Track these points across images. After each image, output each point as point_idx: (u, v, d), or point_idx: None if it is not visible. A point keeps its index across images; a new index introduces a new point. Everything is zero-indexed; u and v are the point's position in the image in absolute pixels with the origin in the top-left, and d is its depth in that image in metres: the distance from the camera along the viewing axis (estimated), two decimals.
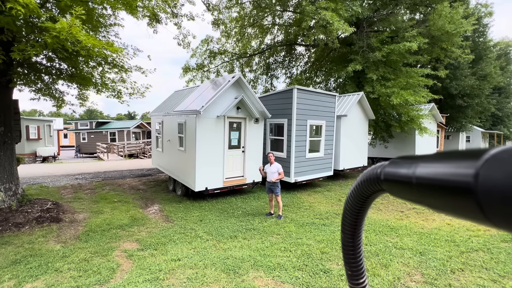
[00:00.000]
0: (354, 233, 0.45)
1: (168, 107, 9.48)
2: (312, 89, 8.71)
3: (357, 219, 0.44)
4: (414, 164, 0.28)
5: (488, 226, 0.21)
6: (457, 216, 0.24)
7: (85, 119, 36.22)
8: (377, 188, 0.36)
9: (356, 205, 0.42)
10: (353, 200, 0.42)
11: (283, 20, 16.44)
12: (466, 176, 0.21)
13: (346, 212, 0.44)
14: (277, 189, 6.04)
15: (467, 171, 0.21)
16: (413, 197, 0.28)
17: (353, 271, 0.47)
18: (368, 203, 0.41)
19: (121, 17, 8.04)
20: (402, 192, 0.30)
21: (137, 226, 5.58)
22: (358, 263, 0.47)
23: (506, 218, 0.19)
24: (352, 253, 0.46)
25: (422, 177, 0.26)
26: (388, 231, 5.32)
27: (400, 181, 0.30)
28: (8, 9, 3.86)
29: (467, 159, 0.22)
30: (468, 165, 0.22)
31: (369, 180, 0.37)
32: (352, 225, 0.45)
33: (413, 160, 0.29)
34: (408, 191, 0.29)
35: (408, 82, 11.20)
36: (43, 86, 6.79)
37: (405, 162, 0.30)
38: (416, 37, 11.23)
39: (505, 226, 0.20)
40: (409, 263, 4.02)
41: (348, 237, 0.46)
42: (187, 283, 3.46)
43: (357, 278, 0.47)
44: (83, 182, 10.31)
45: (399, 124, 11.91)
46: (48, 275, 3.65)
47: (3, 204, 5.60)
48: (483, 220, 0.21)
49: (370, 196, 0.39)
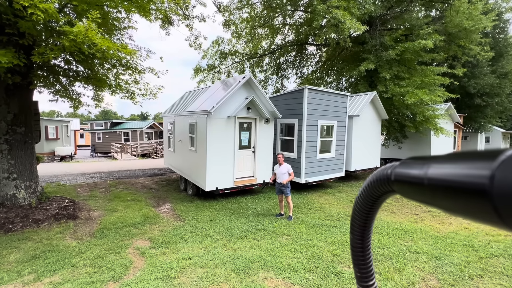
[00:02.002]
0: (363, 234, 0.45)
1: (179, 107, 9.63)
2: (323, 89, 8.61)
3: (366, 220, 0.43)
4: (426, 165, 0.28)
5: (503, 229, 0.21)
6: (470, 218, 0.23)
7: (100, 120, 37.31)
8: (387, 189, 0.35)
9: (365, 206, 0.42)
10: (362, 201, 0.41)
11: (293, 19, 16.35)
12: (481, 178, 0.21)
13: (356, 213, 0.44)
14: (287, 190, 6.01)
15: (482, 172, 0.21)
16: (425, 198, 0.28)
17: (362, 273, 0.46)
18: (378, 204, 0.41)
19: (135, 20, 8.22)
20: (413, 193, 0.30)
21: (150, 225, 5.69)
22: (368, 264, 0.46)
23: None
24: (361, 254, 0.46)
25: (434, 178, 0.26)
26: (402, 234, 5.18)
27: (411, 182, 0.30)
28: (29, 15, 4.03)
29: (482, 160, 0.22)
30: (483, 166, 0.21)
31: (379, 180, 0.36)
32: (361, 226, 0.44)
33: (425, 161, 0.28)
34: (419, 192, 0.28)
35: (423, 81, 10.88)
36: (61, 87, 7.05)
37: (417, 163, 0.30)
38: (432, 35, 10.89)
39: None
40: (424, 267, 3.90)
41: (357, 239, 0.45)
42: (198, 282, 3.49)
43: (367, 280, 0.46)
44: (98, 180, 10.62)
45: (414, 124, 11.58)
46: (65, 270, 3.78)
47: (23, 201, 5.85)
48: (498, 223, 0.20)
49: (380, 197, 0.39)
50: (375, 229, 5.47)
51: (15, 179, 5.79)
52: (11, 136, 5.71)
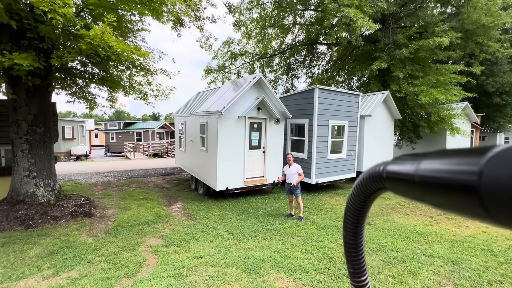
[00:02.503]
0: (356, 231, 0.45)
1: (190, 108, 9.75)
2: (334, 89, 8.51)
3: (359, 217, 0.44)
4: (417, 162, 0.28)
5: (491, 224, 0.21)
6: (460, 214, 0.24)
7: (114, 120, 38.27)
8: (379, 186, 0.36)
9: (358, 203, 0.42)
10: (355, 198, 0.42)
11: (304, 19, 16.24)
12: (469, 174, 0.21)
13: (348, 210, 0.44)
14: (297, 190, 5.97)
15: (470, 168, 0.21)
16: (416, 195, 0.28)
17: (355, 269, 0.47)
18: (370, 201, 0.41)
19: (148, 23, 8.39)
20: (404, 190, 0.30)
21: (162, 223, 5.79)
22: (360, 260, 0.47)
23: (509, 217, 0.19)
24: (354, 251, 0.47)
25: (424, 174, 0.26)
26: (416, 237, 5.05)
27: (402, 179, 0.30)
28: (49, 19, 4.19)
29: (471, 157, 0.22)
30: (471, 162, 0.22)
31: (371, 178, 0.36)
32: (354, 223, 0.45)
33: (416, 158, 0.29)
34: (410, 189, 0.29)
35: (438, 79, 10.56)
36: (78, 89, 7.29)
37: (408, 160, 0.30)
38: (447, 32, 10.56)
39: (508, 224, 0.20)
40: (440, 271, 3.79)
41: (350, 235, 0.46)
42: (209, 281, 3.53)
43: (359, 276, 0.47)
44: (112, 179, 10.90)
45: (428, 124, 11.26)
46: (82, 266, 3.91)
47: (42, 199, 6.08)
48: (486, 218, 0.21)
49: (372, 194, 0.39)
50: (388, 231, 5.36)
51: (34, 177, 6.03)
52: (31, 136, 5.95)
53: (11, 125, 5.98)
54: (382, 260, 4.12)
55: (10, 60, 4.33)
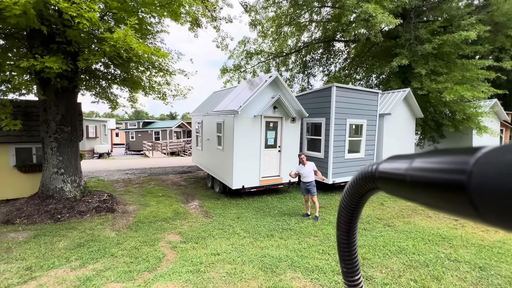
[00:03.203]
0: (349, 230, 0.46)
1: (207, 107, 9.90)
2: (352, 87, 8.31)
3: (352, 217, 0.44)
4: (409, 162, 0.29)
5: (480, 223, 0.22)
6: (450, 213, 0.24)
7: (133, 119, 39.62)
8: (371, 186, 0.36)
9: (351, 203, 0.43)
10: (348, 197, 0.42)
11: (320, 16, 15.98)
12: (459, 173, 0.22)
13: (342, 210, 0.45)
14: (313, 189, 5.92)
15: (460, 168, 0.22)
16: (407, 194, 0.29)
17: (348, 268, 0.48)
18: (363, 201, 0.42)
19: (167, 24, 8.61)
20: (396, 190, 0.31)
21: (180, 220, 5.94)
22: (353, 260, 0.47)
23: (497, 215, 0.20)
24: (347, 250, 0.47)
25: (416, 174, 0.27)
26: (440, 241, 4.84)
27: (394, 179, 0.31)
28: (76, 24, 4.41)
29: (460, 157, 0.23)
30: (461, 162, 0.22)
31: (364, 178, 0.37)
32: (347, 223, 0.45)
33: (407, 158, 0.30)
34: (402, 188, 0.29)
35: (464, 75, 10.03)
36: (101, 90, 7.62)
37: (400, 160, 0.31)
38: (474, 25, 9.99)
39: (496, 223, 0.20)
40: (466, 277, 3.61)
41: (343, 235, 0.46)
42: (227, 278, 3.58)
43: (352, 275, 0.48)
44: (132, 177, 11.31)
45: (453, 123, 10.73)
46: (106, 259, 4.10)
47: (69, 194, 6.43)
48: (475, 217, 0.21)
49: (365, 194, 0.40)
50: (409, 233, 5.18)
51: (62, 174, 6.38)
52: (59, 135, 6.30)
53: (41, 125, 6.36)
54: (403, 263, 3.99)
55: (42, 63, 4.61)
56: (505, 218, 0.19)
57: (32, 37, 5.62)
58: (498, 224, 0.20)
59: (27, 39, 5.78)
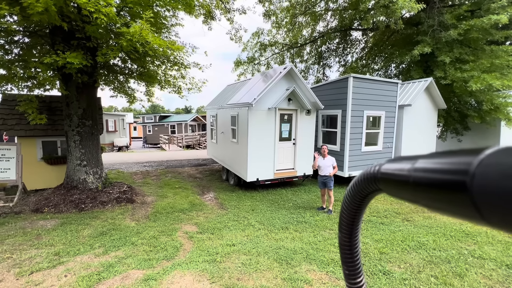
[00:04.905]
0: (351, 232, 0.45)
1: (221, 100, 9.93)
2: (370, 77, 8.01)
3: (354, 219, 0.44)
4: (411, 162, 0.28)
5: (483, 225, 0.21)
6: (453, 215, 0.24)
7: (150, 114, 40.65)
8: (374, 188, 0.36)
9: (353, 205, 0.42)
10: (350, 199, 0.42)
11: (337, 4, 15.40)
12: (462, 175, 0.22)
13: (344, 211, 0.44)
14: (331, 183, 5.84)
15: (463, 169, 0.22)
16: (410, 196, 0.28)
17: (350, 271, 0.47)
18: (365, 203, 0.41)
19: (181, 17, 8.64)
20: (398, 191, 0.30)
21: (196, 211, 6.07)
22: (355, 262, 0.47)
23: (501, 217, 0.20)
24: (349, 252, 0.46)
25: (419, 175, 0.26)
26: (463, 237, 4.65)
27: (397, 180, 0.30)
28: (94, 19, 4.51)
29: (464, 158, 0.23)
30: (464, 164, 0.22)
31: (366, 179, 0.36)
32: (349, 225, 0.45)
33: (410, 159, 0.29)
34: (405, 190, 0.29)
35: (493, 63, 9.37)
36: (119, 84, 7.82)
37: (402, 161, 0.30)
38: (506, 8, 9.24)
39: (500, 225, 0.20)
40: (492, 275, 3.45)
41: (345, 237, 0.46)
42: (242, 268, 3.64)
43: (354, 278, 0.47)
44: (150, 169, 11.66)
45: (479, 114, 10.13)
46: (127, 247, 4.28)
47: (92, 185, 6.73)
48: (478, 219, 0.21)
49: (367, 196, 0.39)
50: (430, 229, 5.01)
51: (85, 166, 6.67)
52: (81, 128, 6.56)
53: (64, 119, 6.65)
54: (422, 259, 3.87)
55: (63, 59, 4.78)
56: (508, 220, 0.19)
57: (54, 34, 5.83)
58: (501, 226, 0.20)
59: (50, 36, 6.00)
